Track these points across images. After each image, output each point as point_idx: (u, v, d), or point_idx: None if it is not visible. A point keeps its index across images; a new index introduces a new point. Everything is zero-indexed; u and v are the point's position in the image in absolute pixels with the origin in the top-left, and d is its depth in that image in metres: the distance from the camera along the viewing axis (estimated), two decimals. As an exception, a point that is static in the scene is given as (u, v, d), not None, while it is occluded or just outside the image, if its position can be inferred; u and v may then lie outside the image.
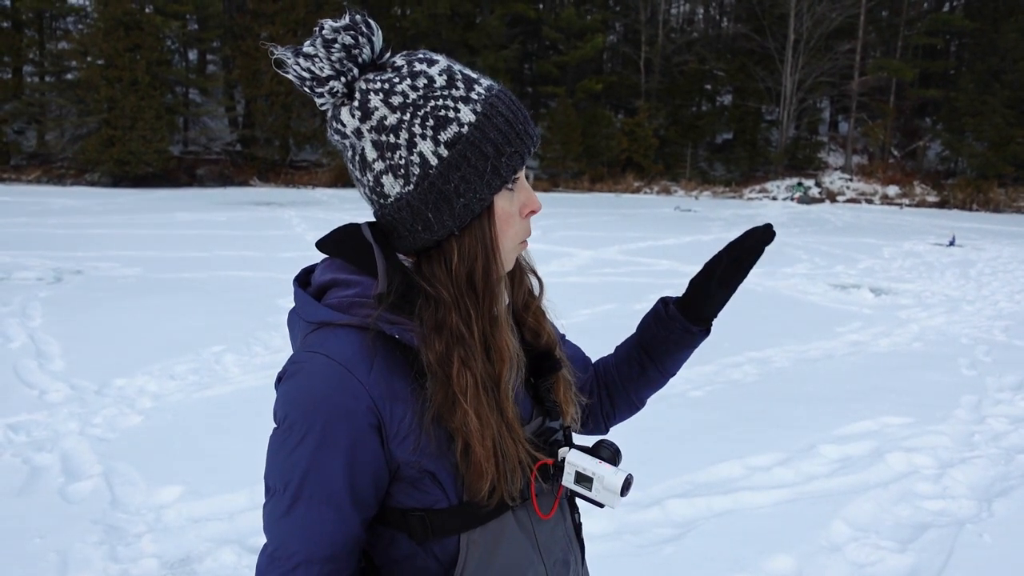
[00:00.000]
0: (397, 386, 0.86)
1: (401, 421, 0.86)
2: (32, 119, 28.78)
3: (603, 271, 10.13)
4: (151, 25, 26.75)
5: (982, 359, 6.05)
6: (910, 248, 13.94)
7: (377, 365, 0.86)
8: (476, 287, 0.88)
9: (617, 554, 2.90)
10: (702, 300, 1.11)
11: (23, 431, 4.01)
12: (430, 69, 0.87)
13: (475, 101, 0.87)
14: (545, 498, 0.98)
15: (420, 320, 0.88)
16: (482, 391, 0.88)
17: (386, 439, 0.87)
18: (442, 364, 0.86)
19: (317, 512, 0.86)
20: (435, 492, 0.90)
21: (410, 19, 31.56)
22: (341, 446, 0.85)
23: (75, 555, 2.82)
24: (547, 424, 0.99)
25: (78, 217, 15.30)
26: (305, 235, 13.29)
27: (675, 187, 30.71)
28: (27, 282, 8.14)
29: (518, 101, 0.92)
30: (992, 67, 29.84)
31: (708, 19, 42.49)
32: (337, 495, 0.86)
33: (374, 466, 0.87)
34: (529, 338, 1.01)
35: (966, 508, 3.38)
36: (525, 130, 0.89)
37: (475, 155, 0.85)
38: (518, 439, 0.91)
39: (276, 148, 29.95)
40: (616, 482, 0.93)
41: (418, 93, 0.86)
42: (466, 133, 0.85)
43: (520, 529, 0.95)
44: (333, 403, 0.84)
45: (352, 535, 0.89)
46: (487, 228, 0.88)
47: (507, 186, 0.89)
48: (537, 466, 0.94)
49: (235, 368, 5.21)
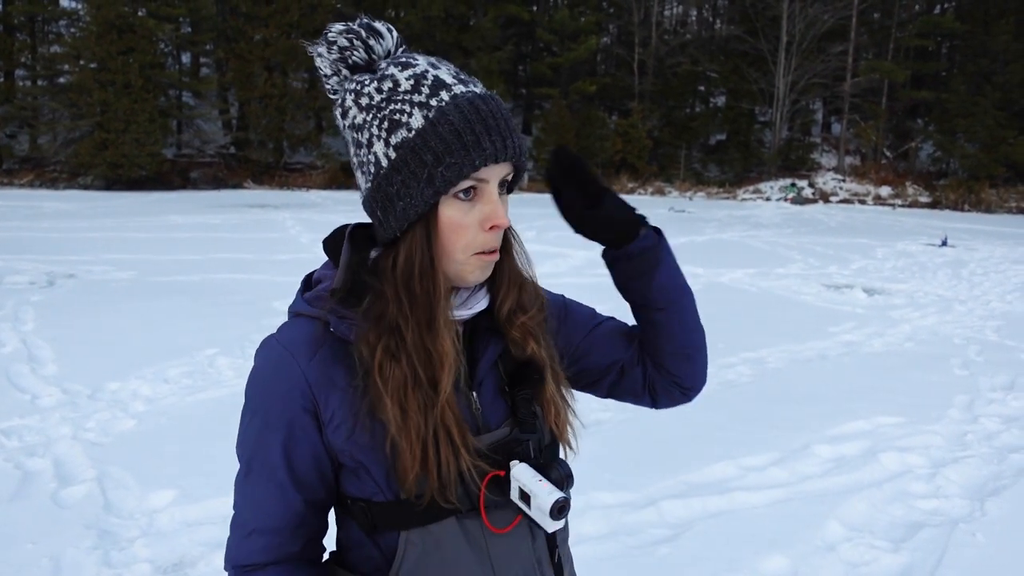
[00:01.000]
0: (336, 375, 0.91)
1: (336, 409, 0.90)
2: (25, 123, 28.64)
3: (597, 272, 10.07)
4: (144, 28, 26.64)
5: (974, 359, 6.08)
6: (903, 248, 14.00)
7: (322, 354, 0.91)
8: (413, 289, 0.90)
9: (612, 555, 2.91)
10: (591, 226, 1.04)
11: (15, 436, 3.99)
12: (400, 72, 0.90)
13: (430, 107, 0.87)
14: (502, 512, 0.95)
15: (363, 314, 0.91)
16: (411, 388, 0.89)
17: (322, 425, 0.91)
18: (371, 355, 0.89)
19: (263, 487, 0.93)
20: (371, 485, 0.93)
21: (404, 21, 31.54)
22: (279, 426, 0.91)
23: (68, 560, 2.80)
24: (515, 435, 0.96)
25: (71, 221, 15.23)
26: (299, 237, 13.26)
27: (669, 188, 30.77)
28: (19, 286, 8.10)
29: (492, 112, 0.88)
30: (983, 69, 30.01)
31: (701, 21, 42.61)
32: (278, 473, 0.92)
33: (313, 449, 0.92)
34: (514, 351, 0.99)
35: (959, 507, 3.39)
36: (477, 142, 0.86)
37: (415, 161, 0.87)
38: (458, 445, 0.90)
39: (270, 151, 29.88)
40: (546, 503, 0.89)
41: (382, 96, 0.89)
42: (411, 138, 0.87)
43: (466, 539, 0.94)
44: (272, 385, 0.91)
45: (294, 512, 0.94)
46: (429, 234, 0.89)
47: (456, 194, 0.88)
48: (488, 477, 0.93)
49: (229, 371, 5.19)
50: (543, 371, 0.99)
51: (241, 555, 0.95)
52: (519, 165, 0.94)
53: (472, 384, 0.97)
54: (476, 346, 0.99)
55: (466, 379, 0.97)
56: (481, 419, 0.96)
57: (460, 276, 0.93)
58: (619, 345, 1.12)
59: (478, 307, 0.98)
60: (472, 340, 0.99)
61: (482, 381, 0.98)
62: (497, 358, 0.99)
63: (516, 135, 0.91)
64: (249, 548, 0.94)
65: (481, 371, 0.98)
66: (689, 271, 0.83)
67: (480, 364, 0.98)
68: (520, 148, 0.92)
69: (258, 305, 7.27)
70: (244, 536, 0.94)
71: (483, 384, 0.98)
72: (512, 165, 0.92)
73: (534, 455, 0.95)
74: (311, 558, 0.99)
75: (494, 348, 0.99)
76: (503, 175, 0.91)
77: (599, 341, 1.12)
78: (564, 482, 0.93)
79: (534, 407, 0.99)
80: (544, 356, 1.01)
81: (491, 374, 0.99)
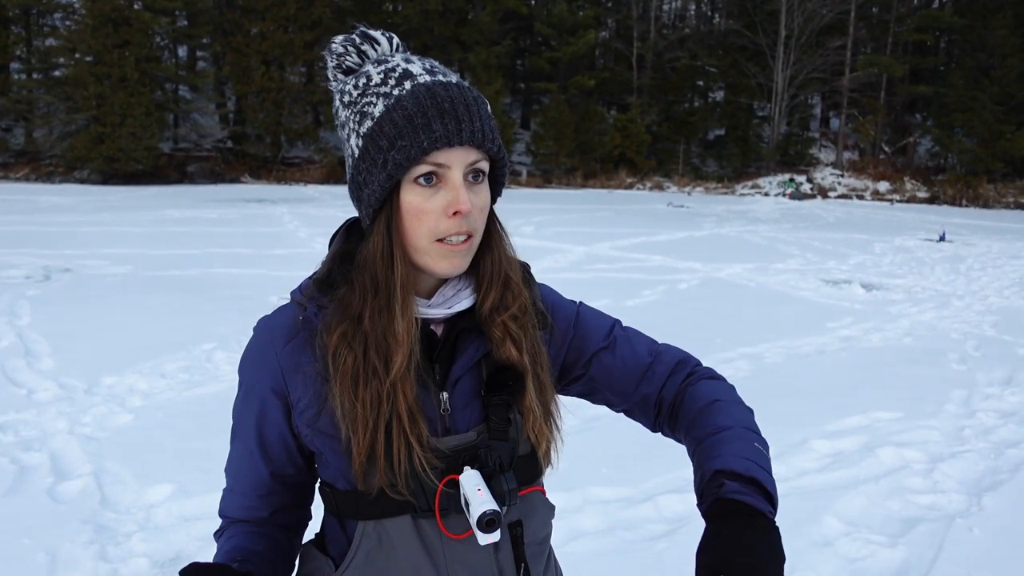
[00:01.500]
0: (306, 362, 0.94)
1: (302, 395, 0.94)
2: (20, 116, 28.50)
3: (596, 267, 10.13)
4: (140, 21, 26.53)
5: (972, 354, 6.09)
6: (901, 244, 14.02)
7: (297, 340, 0.95)
8: (375, 275, 0.91)
9: (610, 550, 2.91)
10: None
11: (11, 430, 3.97)
12: (375, 69, 0.92)
13: (391, 96, 0.89)
14: (461, 518, 0.92)
15: (335, 302, 0.94)
16: (362, 376, 0.90)
17: (291, 408, 0.96)
18: (329, 338, 0.92)
19: (238, 452, 1.02)
20: (332, 471, 0.96)
21: (401, 15, 31.44)
22: (253, 402, 0.98)
23: (64, 555, 2.80)
24: (481, 440, 0.94)
25: (67, 215, 15.19)
26: (297, 232, 13.24)
27: (668, 183, 30.76)
28: (15, 280, 8.07)
29: (450, 97, 0.88)
30: (981, 63, 30.00)
31: (700, 15, 42.52)
32: (249, 443, 0.99)
33: (279, 428, 0.98)
34: (495, 353, 0.97)
35: (956, 502, 3.39)
36: (428, 125, 0.86)
37: (373, 148, 0.89)
38: (410, 439, 0.89)
39: (267, 145, 29.79)
40: (476, 511, 0.87)
41: (358, 92, 0.92)
42: (371, 126, 0.90)
43: (419, 539, 0.93)
44: (253, 364, 0.98)
45: (261, 481, 1.00)
46: (390, 221, 0.91)
47: (417, 180, 0.88)
48: (446, 479, 0.92)
49: (226, 366, 5.18)
50: (523, 377, 0.96)
51: (223, 506, 1.04)
52: (493, 154, 0.92)
53: (444, 384, 0.95)
54: (458, 346, 0.97)
55: (436, 378, 0.95)
56: (448, 420, 0.95)
57: (428, 266, 0.92)
58: (629, 383, 1.07)
59: (459, 306, 0.97)
60: (456, 340, 0.97)
61: (457, 381, 0.96)
62: (481, 359, 0.97)
63: (478, 121, 0.89)
64: (227, 503, 1.03)
65: (456, 371, 0.96)
66: (688, 266, 0.81)
67: (457, 364, 0.96)
68: (483, 133, 0.89)
69: (255, 300, 7.25)
70: (227, 489, 1.04)
71: (458, 384, 0.96)
72: (481, 152, 0.90)
73: (490, 463, 0.93)
74: (282, 524, 1.03)
75: (476, 348, 0.97)
76: (467, 161, 0.89)
77: (608, 369, 1.08)
78: (506, 496, 0.90)
79: (512, 413, 0.96)
80: (525, 362, 0.97)
81: (470, 375, 0.97)
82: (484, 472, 0.92)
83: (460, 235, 0.90)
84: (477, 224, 0.93)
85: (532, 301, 1.02)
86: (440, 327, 0.97)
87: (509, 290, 0.98)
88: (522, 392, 0.97)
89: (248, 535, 1.00)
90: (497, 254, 0.98)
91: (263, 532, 1.01)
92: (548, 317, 1.06)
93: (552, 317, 1.07)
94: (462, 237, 0.91)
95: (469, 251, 0.93)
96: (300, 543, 1.07)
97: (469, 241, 0.92)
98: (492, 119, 0.93)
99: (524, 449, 0.98)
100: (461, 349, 0.97)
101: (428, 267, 0.92)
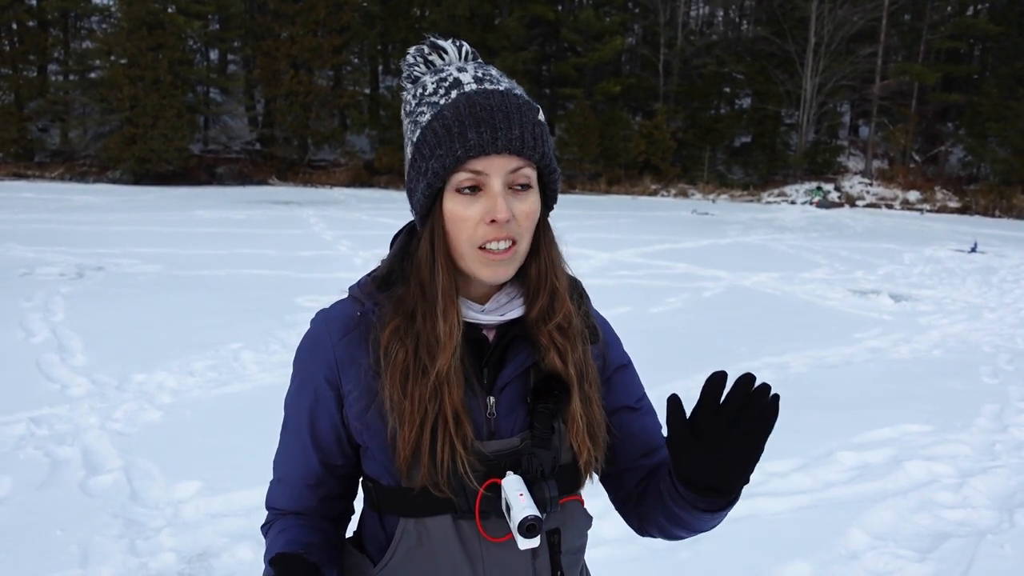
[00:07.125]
0: (360, 356, 0.96)
1: (354, 387, 0.96)
2: (56, 117, 29.19)
3: (620, 273, 10.09)
4: (173, 25, 27.05)
5: (1004, 367, 5.97)
6: (931, 254, 13.77)
7: (353, 334, 0.97)
8: (423, 277, 0.94)
9: (632, 558, 2.89)
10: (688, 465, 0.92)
11: (45, 425, 4.07)
12: (431, 79, 0.95)
13: (438, 106, 0.92)
14: (502, 522, 0.92)
15: (392, 299, 0.97)
16: (412, 372, 0.92)
17: (343, 399, 0.98)
18: (383, 333, 0.95)
19: (290, 441, 1.03)
20: (378, 466, 0.97)
21: (429, 20, 31.68)
22: (307, 392, 1.00)
23: (95, 548, 2.85)
24: (525, 447, 0.95)
25: (100, 214, 15.49)
26: (323, 234, 13.37)
27: (692, 190, 30.56)
28: (50, 278, 8.26)
29: (490, 106, 0.89)
30: (1017, 72, 29.40)
31: (728, 22, 42.26)
32: (302, 433, 1.01)
33: (331, 419, 0.99)
34: (543, 360, 0.97)
35: (987, 518, 3.33)
36: (463, 134, 0.87)
37: (419, 156, 0.92)
38: (454, 439, 0.90)
39: (295, 147, 30.15)
40: (517, 515, 0.87)
41: (415, 101, 0.96)
42: (419, 136, 0.93)
43: (460, 541, 0.94)
44: (308, 355, 1.00)
45: (312, 471, 1.02)
46: (435, 225, 0.93)
47: (461, 190, 0.89)
48: (487, 483, 0.93)
49: (253, 365, 5.25)
50: (569, 386, 0.97)
51: (271, 498, 1.06)
52: (537, 162, 0.92)
53: (492, 388, 0.96)
54: (508, 352, 0.98)
55: (485, 382, 0.96)
56: (494, 424, 0.96)
57: (473, 272, 0.93)
58: (636, 450, 1.08)
59: (512, 313, 0.98)
60: (508, 347, 0.99)
61: (505, 387, 0.97)
62: (530, 367, 0.98)
63: (518, 128, 0.89)
64: (276, 493, 1.05)
65: (505, 376, 0.97)
66: (712, 274, 0.81)
67: (506, 369, 0.97)
68: (522, 141, 0.89)
69: (282, 301, 7.34)
70: (276, 481, 1.06)
71: (505, 390, 0.97)
72: (523, 160, 0.90)
73: (532, 470, 0.93)
74: (330, 516, 1.05)
75: (526, 356, 0.98)
76: (507, 169, 0.89)
77: (627, 429, 1.08)
78: (547, 503, 0.91)
79: (556, 422, 0.97)
80: (571, 372, 0.97)
81: (518, 382, 0.98)
82: (526, 478, 0.93)
83: (501, 242, 0.91)
84: (522, 232, 0.93)
85: (582, 315, 1.02)
86: (492, 332, 0.99)
87: (556, 300, 0.98)
88: (567, 402, 0.97)
89: (300, 527, 1.01)
90: (544, 262, 0.98)
91: (313, 524, 1.03)
92: (600, 333, 1.06)
93: (606, 343, 1.07)
94: (504, 244, 0.91)
95: (512, 259, 0.93)
96: (344, 536, 1.08)
97: (512, 249, 0.92)
98: (539, 126, 0.92)
99: (566, 458, 0.99)
100: (511, 356, 0.98)
101: (473, 273, 0.94)
